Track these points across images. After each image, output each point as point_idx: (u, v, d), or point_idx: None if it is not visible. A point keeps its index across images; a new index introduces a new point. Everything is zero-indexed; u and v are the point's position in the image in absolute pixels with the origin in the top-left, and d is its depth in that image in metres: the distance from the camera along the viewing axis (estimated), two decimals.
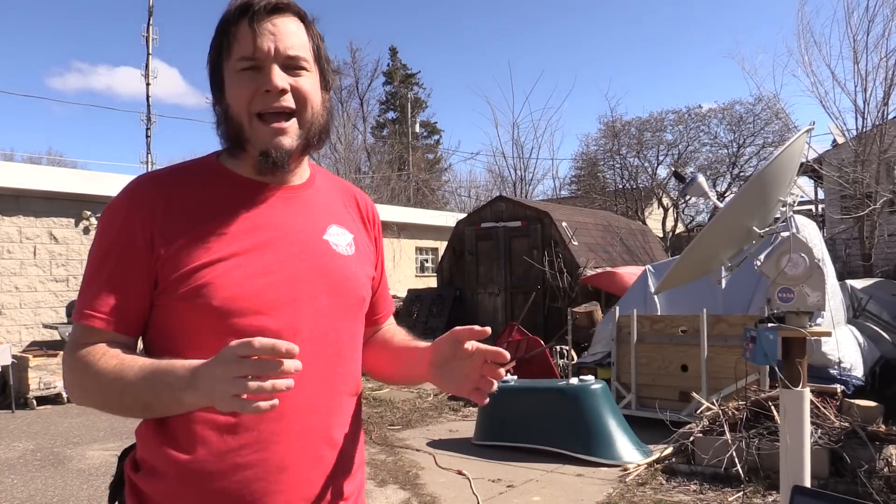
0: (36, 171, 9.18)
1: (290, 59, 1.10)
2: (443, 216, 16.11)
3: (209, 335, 1.04)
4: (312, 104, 1.13)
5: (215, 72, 1.13)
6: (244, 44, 1.08)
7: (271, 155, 1.09)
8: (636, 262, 11.05)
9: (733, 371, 5.34)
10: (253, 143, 1.10)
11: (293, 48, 1.10)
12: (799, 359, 2.42)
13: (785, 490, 2.45)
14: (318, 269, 1.14)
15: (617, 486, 4.44)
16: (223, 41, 1.11)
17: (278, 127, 1.09)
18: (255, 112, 1.09)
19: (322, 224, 1.19)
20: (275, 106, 1.09)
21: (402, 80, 36.25)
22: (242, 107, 1.09)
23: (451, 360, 1.13)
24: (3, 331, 8.71)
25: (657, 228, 20.11)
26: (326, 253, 1.17)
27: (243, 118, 1.09)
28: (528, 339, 7.69)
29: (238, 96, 1.09)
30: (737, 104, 20.85)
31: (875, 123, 11.08)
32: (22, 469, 5.27)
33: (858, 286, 7.93)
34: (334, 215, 1.23)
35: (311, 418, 1.10)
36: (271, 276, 1.08)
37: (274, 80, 1.07)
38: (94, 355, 1.04)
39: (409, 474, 4.88)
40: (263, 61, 1.08)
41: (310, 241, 1.16)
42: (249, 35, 1.08)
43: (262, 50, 1.08)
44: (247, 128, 1.10)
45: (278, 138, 1.09)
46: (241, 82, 1.09)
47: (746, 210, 2.38)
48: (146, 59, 11.65)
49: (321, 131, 1.16)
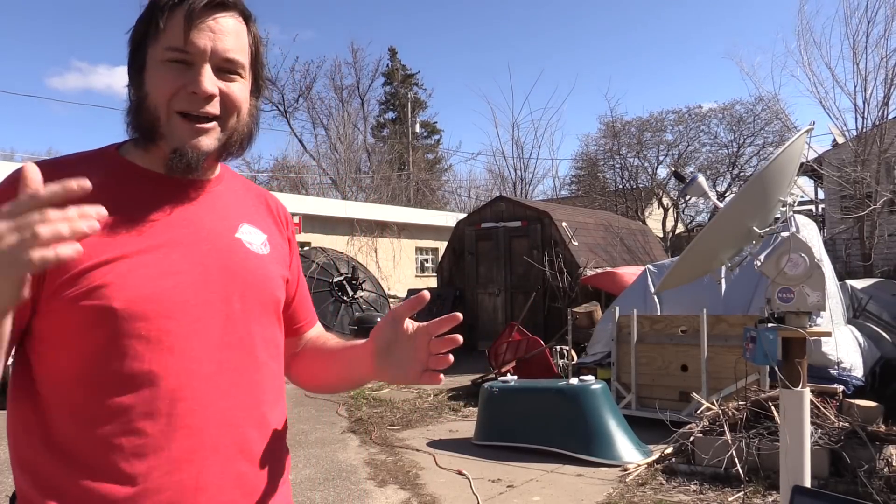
0: None
1: (226, 62, 1.02)
2: (443, 216, 16.13)
3: (105, 340, 0.92)
4: (239, 112, 1.05)
5: (137, 52, 1.02)
6: (177, 33, 0.98)
7: (186, 154, 1.00)
8: (636, 262, 11.05)
9: (733, 371, 5.34)
10: (168, 139, 1.01)
11: (231, 51, 1.02)
12: (799, 359, 2.42)
13: (785, 490, 2.45)
14: (230, 268, 1.05)
15: (617, 486, 4.44)
16: (153, 21, 1.00)
17: (199, 127, 1.01)
18: (175, 110, 1.00)
19: (234, 221, 1.10)
20: (199, 111, 1.00)
21: (402, 81, 36.27)
22: (162, 100, 0.99)
23: (395, 343, 1.06)
24: None
25: (657, 228, 20.13)
26: (240, 251, 1.08)
27: (161, 112, 1.00)
28: (528, 339, 7.70)
29: (159, 88, 0.99)
30: (737, 104, 20.89)
31: (875, 123, 11.08)
32: None
33: (858, 286, 7.93)
34: (246, 213, 1.14)
35: (227, 433, 1.00)
36: (179, 277, 0.99)
37: (203, 85, 0.99)
38: None
39: (409, 474, 4.89)
40: (195, 58, 0.99)
41: (221, 238, 1.07)
42: (187, 26, 0.98)
43: (197, 46, 0.99)
44: (163, 122, 1.00)
45: (197, 139, 1.01)
46: (165, 74, 0.99)
47: (747, 210, 2.39)
48: None
49: (243, 139, 1.08)
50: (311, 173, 30.00)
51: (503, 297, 10.93)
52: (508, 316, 10.43)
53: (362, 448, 5.66)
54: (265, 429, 1.07)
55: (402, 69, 36.75)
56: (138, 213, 1.00)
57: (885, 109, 11.10)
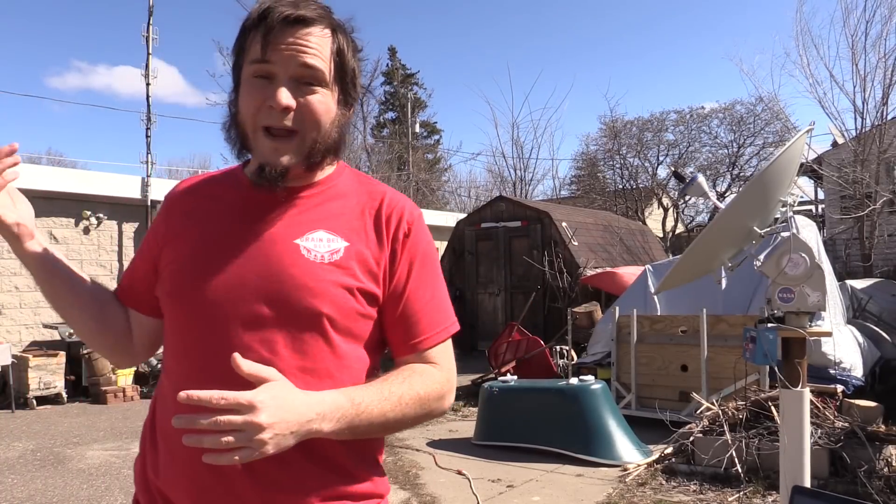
0: (36, 171, 9.17)
1: (303, 75, 1.05)
2: (443, 216, 16.11)
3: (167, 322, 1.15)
4: (320, 124, 1.06)
5: (235, 70, 1.11)
6: (257, 49, 1.05)
7: (266, 171, 1.06)
8: (636, 262, 11.05)
9: (733, 371, 5.34)
10: (255, 153, 1.10)
11: (307, 64, 1.04)
12: (799, 359, 2.42)
13: (785, 490, 2.45)
14: (266, 275, 1.05)
15: (617, 486, 4.44)
16: (242, 42, 1.08)
17: (279, 145, 1.05)
18: (261, 125, 1.05)
19: (304, 227, 1.09)
20: (278, 125, 1.04)
21: (402, 81, 36.26)
22: (249, 116, 1.06)
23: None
24: (3, 331, 8.70)
25: (657, 228, 20.12)
26: (287, 258, 1.06)
27: (248, 127, 1.07)
28: (528, 339, 7.69)
29: (247, 105, 1.06)
30: (737, 104, 20.87)
31: (874, 123, 11.08)
32: (22, 469, 5.27)
33: (858, 286, 7.94)
34: (330, 220, 1.11)
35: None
36: (217, 279, 1.06)
37: (279, 97, 1.02)
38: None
39: (409, 474, 4.88)
40: (273, 73, 1.04)
41: (274, 244, 1.07)
42: (266, 42, 1.03)
43: (273, 61, 1.03)
44: (251, 137, 1.08)
45: (277, 157, 1.05)
46: (251, 90, 1.05)
47: (748, 210, 2.39)
48: (146, 59, 11.62)
49: (329, 150, 1.10)
50: None
51: (503, 297, 10.93)
52: (508, 316, 10.42)
53: None
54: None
55: (402, 69, 36.74)
56: (219, 219, 1.12)
57: (884, 109, 11.10)
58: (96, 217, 9.52)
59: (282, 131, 1.05)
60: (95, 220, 9.52)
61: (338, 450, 1.06)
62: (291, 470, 1.03)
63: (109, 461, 5.43)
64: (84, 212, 9.42)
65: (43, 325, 8.97)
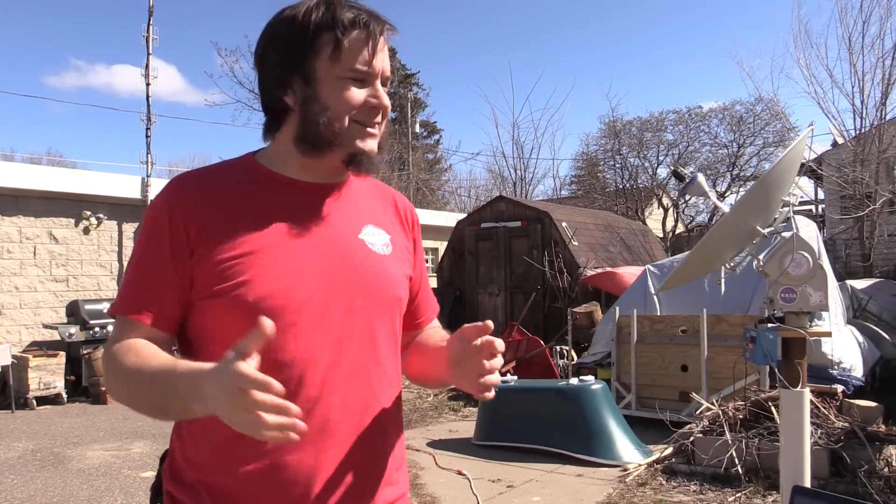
0: (36, 171, 9.17)
1: (387, 78, 1.15)
2: (443, 216, 16.11)
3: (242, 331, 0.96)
4: (388, 124, 1.20)
5: (297, 62, 1.11)
6: (361, 56, 1.10)
7: (365, 156, 1.13)
8: (636, 262, 11.05)
9: (733, 371, 5.34)
10: (346, 146, 1.12)
11: (388, 69, 1.15)
12: (799, 359, 2.42)
13: (785, 490, 2.45)
14: (352, 267, 1.13)
15: (617, 487, 4.44)
16: (323, 39, 1.09)
17: (371, 132, 1.14)
18: (355, 120, 1.12)
19: (358, 223, 1.19)
20: (374, 122, 1.14)
21: (402, 81, 36.24)
22: (345, 112, 1.10)
23: (463, 359, 1.10)
24: (3, 331, 8.70)
25: (657, 228, 20.13)
26: (361, 252, 1.16)
27: (341, 122, 1.10)
28: (528, 339, 7.69)
29: (345, 102, 1.10)
30: (737, 104, 20.87)
31: (873, 123, 11.08)
32: (22, 469, 5.27)
33: (858, 286, 7.93)
34: (371, 215, 1.22)
35: (345, 419, 1.08)
36: (305, 275, 1.08)
37: (384, 101, 1.13)
38: (122, 350, 1.03)
39: (409, 474, 4.88)
40: (371, 77, 1.12)
41: (344, 239, 1.15)
42: (367, 49, 1.10)
43: (376, 68, 1.12)
44: (342, 130, 1.11)
45: (367, 141, 1.13)
46: (350, 90, 1.10)
47: (752, 210, 2.39)
48: (146, 59, 11.61)
49: (385, 141, 1.20)
50: None
51: (503, 297, 10.93)
52: (508, 316, 10.42)
53: None
54: (381, 419, 1.14)
55: (402, 69, 36.73)
56: (273, 215, 1.11)
57: (883, 109, 11.11)
58: (96, 217, 9.52)
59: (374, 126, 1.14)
60: (95, 220, 9.51)
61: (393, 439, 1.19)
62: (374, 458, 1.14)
63: (109, 461, 5.43)
64: (84, 212, 9.41)
65: (43, 326, 8.97)
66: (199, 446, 1.08)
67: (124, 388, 1.03)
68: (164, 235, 1.08)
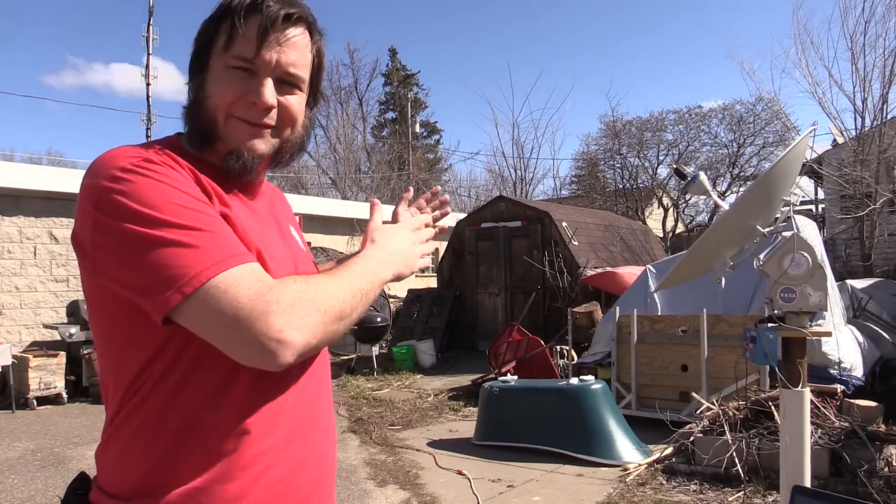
0: (36, 171, 9.17)
1: (289, 75, 1.04)
2: None
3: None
4: (294, 124, 1.08)
5: (202, 53, 1.05)
6: (247, 45, 1.00)
7: (242, 156, 1.02)
8: (637, 262, 11.05)
9: (733, 371, 5.34)
10: (225, 140, 1.03)
11: (295, 65, 1.04)
12: (799, 359, 2.42)
13: (785, 490, 2.45)
14: (304, 265, 1.15)
15: (617, 486, 4.43)
16: (222, 27, 1.02)
17: (256, 130, 1.03)
18: (234, 115, 1.02)
19: (286, 221, 1.21)
20: (257, 121, 1.03)
21: (402, 81, 36.23)
22: (222, 105, 1.02)
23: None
24: (3, 331, 8.70)
25: (657, 228, 20.12)
26: (300, 248, 1.18)
27: (220, 115, 1.02)
28: (528, 339, 7.69)
29: (221, 94, 1.01)
30: (737, 104, 20.86)
31: (874, 123, 11.07)
32: (22, 469, 5.27)
33: (858, 286, 7.92)
34: (288, 213, 1.25)
35: (317, 413, 1.10)
36: (286, 272, 1.04)
37: (265, 97, 1.01)
38: (303, 277, 0.95)
39: (410, 474, 4.88)
40: (260, 70, 1.02)
41: (290, 236, 1.17)
42: (254, 37, 1.00)
43: (264, 59, 1.01)
44: (221, 124, 1.02)
45: (253, 141, 1.03)
46: (230, 80, 1.01)
47: (753, 208, 2.38)
48: (146, 59, 11.62)
49: (294, 150, 1.11)
50: (310, 173, 30.00)
51: (503, 297, 10.92)
52: (508, 316, 10.42)
53: (362, 448, 5.66)
54: (332, 410, 1.18)
55: (402, 69, 36.71)
56: (240, 206, 1.05)
57: (883, 109, 11.10)
58: None
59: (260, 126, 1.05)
60: None
61: None
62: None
63: None
64: None
65: (43, 326, 8.98)
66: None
67: (333, 305, 0.92)
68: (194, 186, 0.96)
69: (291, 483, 1.01)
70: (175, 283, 0.85)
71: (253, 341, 0.84)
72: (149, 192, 0.89)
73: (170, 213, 0.87)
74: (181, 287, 0.84)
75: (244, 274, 0.87)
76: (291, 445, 1.02)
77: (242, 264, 0.88)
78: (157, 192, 0.89)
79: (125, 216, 0.87)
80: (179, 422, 0.94)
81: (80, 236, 0.94)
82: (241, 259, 0.89)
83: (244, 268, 0.88)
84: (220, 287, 0.85)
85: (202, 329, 0.87)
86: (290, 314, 0.86)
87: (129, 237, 0.86)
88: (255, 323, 0.84)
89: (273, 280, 0.89)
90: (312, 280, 0.93)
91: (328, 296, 0.91)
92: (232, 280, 0.86)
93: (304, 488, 1.04)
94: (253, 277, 0.87)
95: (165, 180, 0.91)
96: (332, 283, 0.94)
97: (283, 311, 0.85)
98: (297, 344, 0.86)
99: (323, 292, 0.91)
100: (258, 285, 0.86)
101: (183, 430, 0.94)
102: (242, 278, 0.86)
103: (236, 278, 0.86)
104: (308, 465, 1.05)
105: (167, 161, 0.95)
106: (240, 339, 0.85)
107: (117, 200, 0.88)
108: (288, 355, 0.86)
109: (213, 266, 0.86)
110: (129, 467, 0.97)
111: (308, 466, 1.05)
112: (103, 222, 0.89)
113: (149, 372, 0.94)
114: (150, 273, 0.86)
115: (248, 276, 0.87)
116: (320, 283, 0.93)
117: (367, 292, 0.99)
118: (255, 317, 0.84)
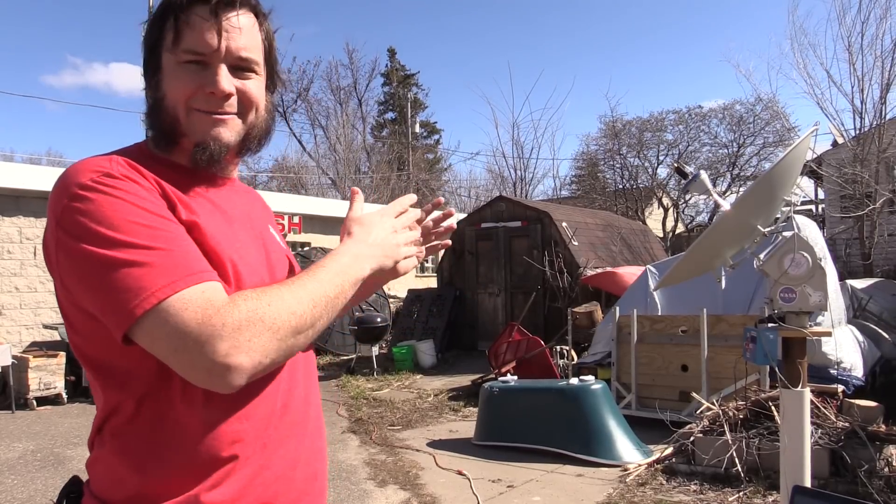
0: (36, 172, 9.16)
1: (241, 60, 1.03)
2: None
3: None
4: (257, 108, 1.07)
5: (152, 54, 1.03)
6: (194, 36, 0.99)
7: (209, 146, 1.01)
8: (636, 262, 11.05)
9: (733, 371, 5.34)
10: (190, 134, 1.02)
11: (245, 49, 1.03)
12: (799, 359, 2.42)
13: (785, 490, 2.45)
14: (281, 263, 1.14)
15: (617, 487, 4.43)
16: (167, 25, 1.00)
17: (219, 118, 1.02)
18: (194, 108, 1.01)
19: (262, 218, 1.20)
20: (217, 110, 1.02)
21: (401, 81, 36.22)
22: (180, 101, 1.00)
23: None
24: (3, 331, 8.70)
25: (657, 228, 20.13)
26: (276, 245, 1.16)
27: (180, 111, 1.01)
28: (528, 339, 7.69)
29: (177, 90, 1.00)
30: (737, 104, 20.88)
31: (873, 123, 11.07)
32: (22, 469, 5.27)
33: (858, 286, 7.92)
34: (265, 210, 1.24)
35: (308, 411, 1.11)
36: (260, 271, 1.05)
37: (221, 85, 1.00)
38: (258, 291, 0.91)
39: (410, 474, 4.88)
40: (211, 59, 1.00)
41: (267, 234, 1.16)
42: (201, 28, 0.99)
43: (212, 47, 0.99)
44: (183, 119, 1.01)
45: (218, 129, 1.02)
46: (183, 76, 1.00)
47: (754, 208, 2.38)
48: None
49: (261, 135, 1.10)
50: (310, 173, 30.01)
51: (503, 297, 10.92)
52: (508, 316, 10.42)
53: (362, 448, 5.66)
54: (320, 408, 1.18)
55: (402, 69, 36.71)
56: (212, 207, 1.04)
57: (882, 109, 11.10)
58: None
59: (221, 114, 1.03)
60: None
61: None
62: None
63: None
64: None
65: (43, 326, 8.97)
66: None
67: (287, 320, 0.90)
68: (156, 198, 0.94)
69: (287, 481, 1.02)
70: (127, 305, 0.84)
71: (200, 366, 0.84)
72: (107, 210, 0.88)
73: (126, 232, 0.87)
74: (133, 309, 0.84)
75: (194, 296, 0.85)
76: (285, 444, 1.03)
77: (195, 285, 0.86)
78: (114, 209, 0.88)
79: (84, 236, 0.87)
80: (170, 428, 0.93)
81: (47, 250, 0.95)
82: (196, 278, 0.87)
83: (195, 289, 0.86)
84: (169, 311, 0.84)
85: (155, 351, 0.87)
86: (235, 337, 0.84)
87: (88, 258, 0.87)
88: (201, 348, 0.83)
89: (222, 301, 0.87)
90: (266, 295, 0.90)
91: (282, 311, 0.89)
92: (180, 304, 0.84)
93: (298, 486, 1.05)
94: (202, 299, 0.85)
95: (124, 196, 0.90)
96: (290, 295, 0.91)
97: (229, 334, 0.84)
98: (246, 366, 0.85)
99: (276, 308, 0.89)
100: (206, 308, 0.85)
101: (174, 436, 0.93)
102: (192, 301, 0.85)
103: (185, 301, 0.85)
104: (302, 463, 1.06)
105: (128, 174, 0.94)
106: (188, 364, 0.84)
107: (76, 220, 0.88)
108: (236, 378, 0.85)
109: (165, 287, 0.85)
110: (121, 475, 0.96)
111: (302, 464, 1.06)
112: (64, 242, 0.90)
113: (134, 380, 0.94)
114: (106, 293, 0.86)
115: (198, 297, 0.85)
116: (274, 298, 0.89)
117: (335, 297, 0.96)
118: (201, 342, 0.83)
